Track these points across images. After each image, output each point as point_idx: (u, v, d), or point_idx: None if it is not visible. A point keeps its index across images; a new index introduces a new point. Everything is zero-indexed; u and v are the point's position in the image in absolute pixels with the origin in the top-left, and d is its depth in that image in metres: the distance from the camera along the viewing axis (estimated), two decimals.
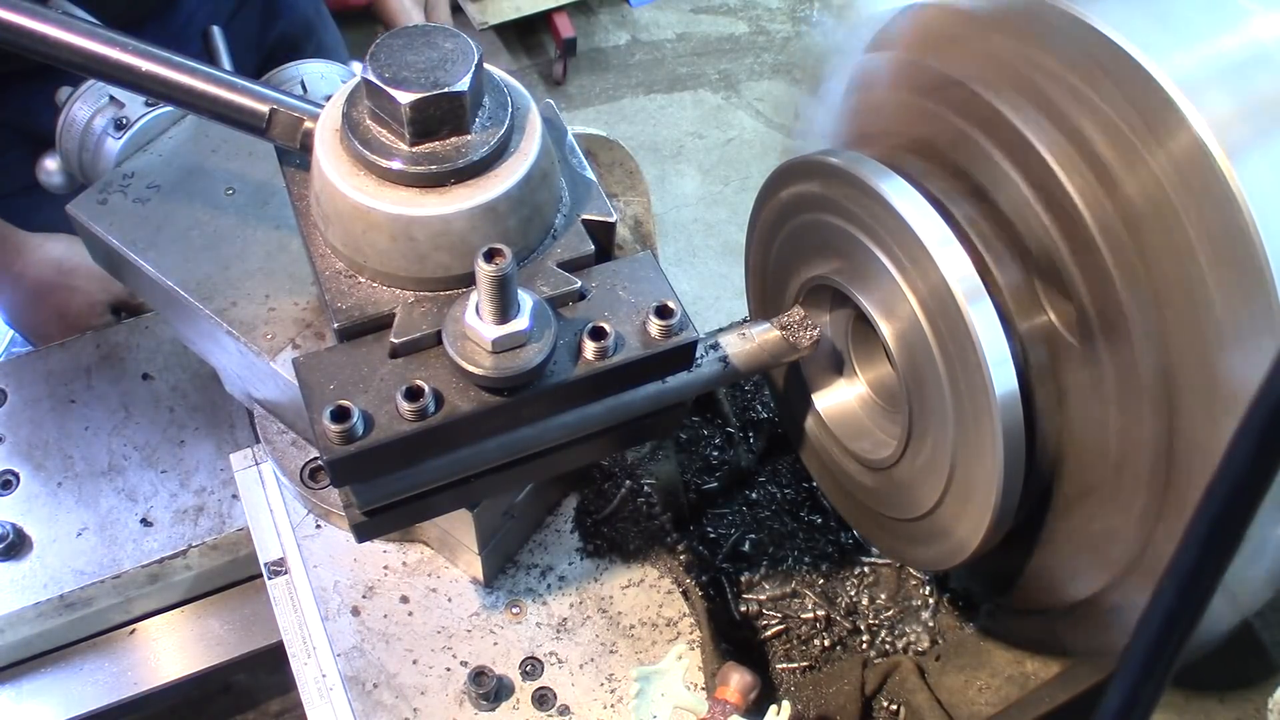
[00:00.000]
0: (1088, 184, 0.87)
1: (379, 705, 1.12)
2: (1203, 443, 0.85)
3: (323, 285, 0.92)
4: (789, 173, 1.13)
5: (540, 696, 1.13)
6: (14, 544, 1.31)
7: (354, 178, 0.88)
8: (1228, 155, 0.79)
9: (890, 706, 1.23)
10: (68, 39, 0.92)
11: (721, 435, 1.46)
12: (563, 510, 1.26)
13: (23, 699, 1.36)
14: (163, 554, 1.33)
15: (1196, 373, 0.84)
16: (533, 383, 0.86)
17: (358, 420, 0.83)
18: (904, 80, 1.07)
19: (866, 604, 1.32)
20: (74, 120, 1.23)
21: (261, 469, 1.28)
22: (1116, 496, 0.94)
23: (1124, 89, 0.84)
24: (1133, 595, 0.97)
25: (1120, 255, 0.86)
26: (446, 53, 0.87)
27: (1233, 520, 0.47)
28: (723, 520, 1.39)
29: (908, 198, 0.97)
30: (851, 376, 1.21)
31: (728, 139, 4.29)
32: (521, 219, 0.91)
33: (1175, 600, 0.50)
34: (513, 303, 0.82)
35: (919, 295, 0.98)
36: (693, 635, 1.17)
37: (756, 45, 4.65)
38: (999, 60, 0.95)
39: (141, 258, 1.11)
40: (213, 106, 0.95)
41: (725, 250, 3.86)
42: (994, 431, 0.93)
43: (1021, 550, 1.07)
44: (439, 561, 1.21)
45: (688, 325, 0.91)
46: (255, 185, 1.16)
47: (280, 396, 1.13)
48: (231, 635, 1.41)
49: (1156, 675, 0.53)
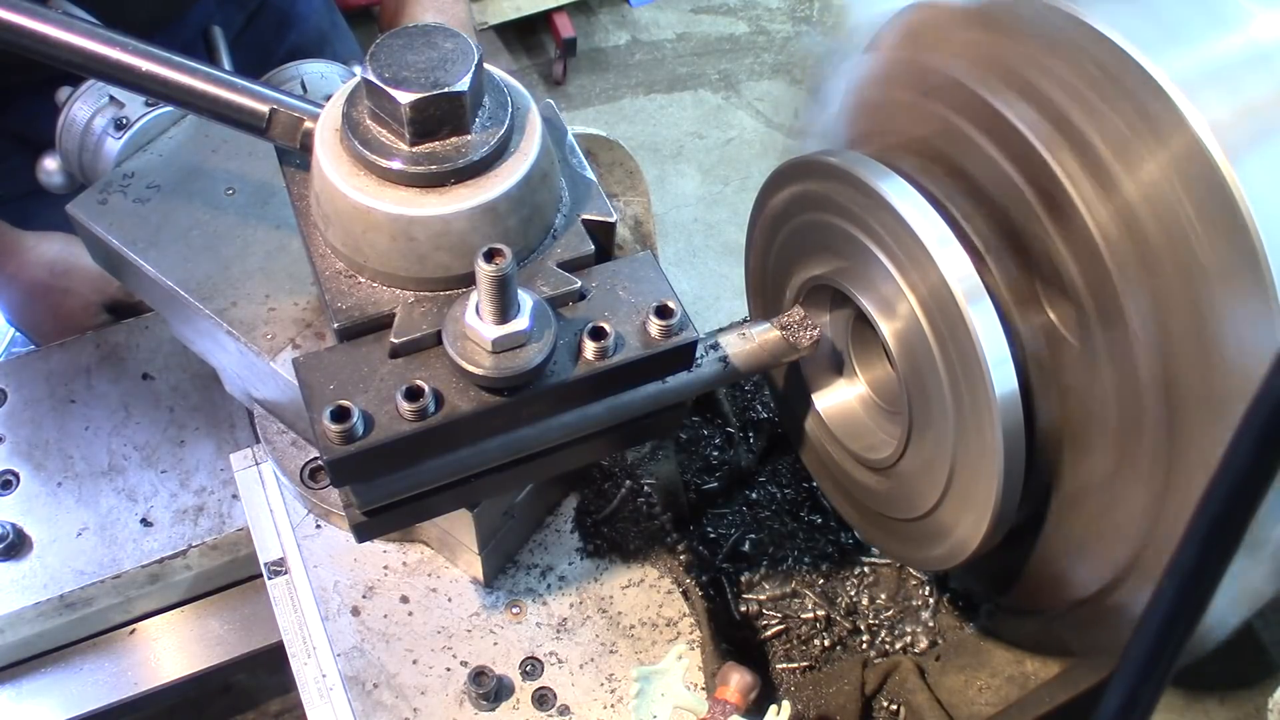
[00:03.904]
0: (1087, 184, 0.87)
1: (379, 705, 1.12)
2: (1203, 442, 0.85)
3: (323, 285, 0.92)
4: (789, 173, 1.13)
5: (540, 696, 1.13)
6: (14, 544, 1.31)
7: (354, 178, 0.88)
8: (1227, 155, 0.79)
9: (890, 706, 1.23)
10: (68, 39, 0.92)
11: (721, 435, 1.46)
12: (563, 510, 1.26)
13: (23, 699, 1.36)
14: (163, 554, 1.33)
15: (1196, 372, 0.84)
16: (533, 383, 0.86)
17: (358, 420, 0.83)
18: (903, 80, 1.07)
19: (866, 604, 1.32)
20: (74, 120, 1.22)
21: (261, 469, 1.28)
22: (1117, 495, 0.94)
23: (1123, 89, 0.84)
24: (1133, 595, 0.97)
25: (1120, 255, 0.86)
26: (446, 53, 0.87)
27: (1233, 520, 0.47)
28: (723, 520, 1.39)
29: (907, 197, 0.97)
30: (851, 376, 1.21)
31: (728, 139, 4.29)
32: (521, 219, 0.91)
33: (1175, 600, 0.50)
34: (513, 303, 0.82)
35: (919, 295, 0.98)
36: (693, 635, 1.17)
37: (756, 45, 4.65)
38: (998, 60, 0.95)
39: (142, 258, 1.11)
40: (213, 106, 0.95)
41: (725, 250, 3.86)
42: (994, 431, 0.93)
43: (1021, 550, 1.07)
44: (439, 561, 1.21)
45: (688, 325, 0.91)
46: (255, 185, 1.16)
47: (280, 396, 1.13)
48: (231, 635, 1.41)
49: (1156, 675, 0.53)
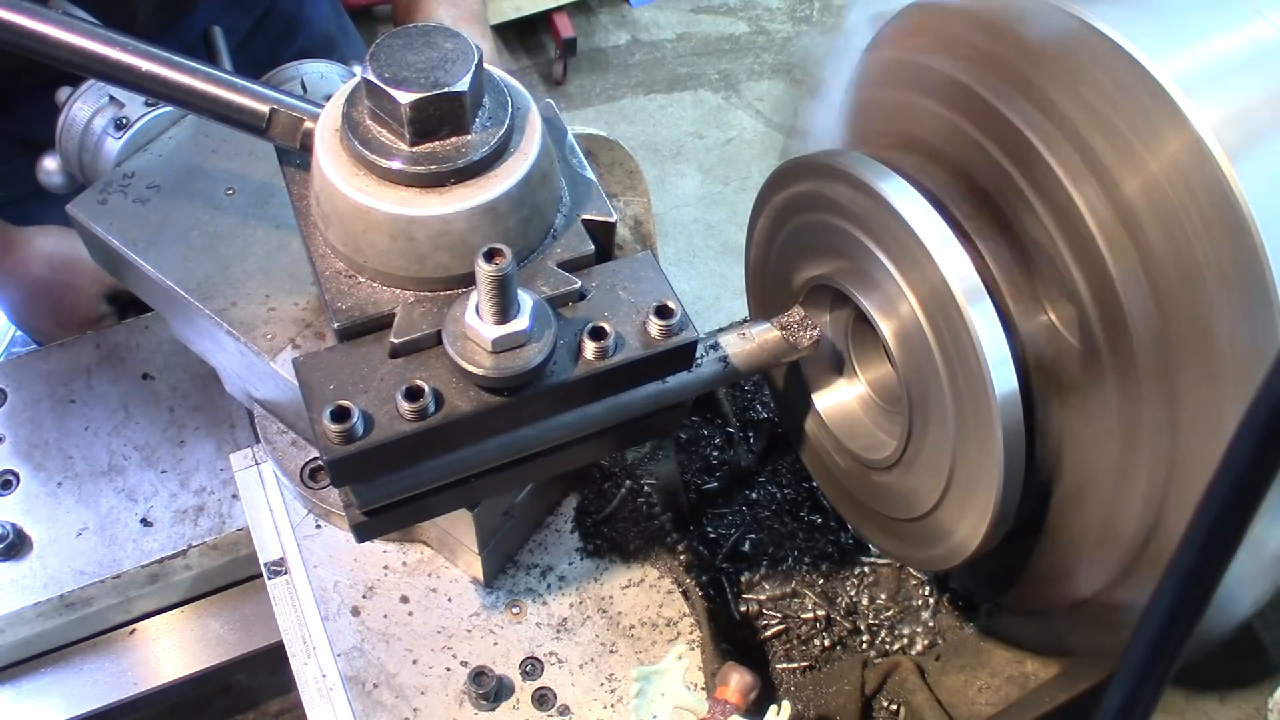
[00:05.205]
0: (1088, 184, 0.87)
1: (379, 705, 1.12)
2: (1203, 442, 0.85)
3: (323, 285, 0.92)
4: (789, 173, 1.13)
5: (540, 696, 1.13)
6: (14, 544, 1.31)
7: (354, 178, 0.88)
8: (1227, 155, 0.79)
9: (890, 706, 1.23)
10: (68, 39, 0.92)
11: (721, 435, 1.46)
12: (563, 510, 1.26)
13: (23, 699, 1.36)
14: (163, 554, 1.33)
15: (1197, 371, 0.84)
16: (533, 383, 0.86)
17: (358, 420, 0.83)
18: (904, 80, 1.07)
19: (866, 604, 1.32)
20: (74, 120, 1.22)
21: (261, 469, 1.28)
22: (1117, 496, 0.94)
23: (1124, 89, 0.84)
24: (1133, 595, 0.97)
25: (1120, 255, 0.86)
26: (446, 52, 0.87)
27: (1233, 520, 0.47)
28: (723, 520, 1.39)
29: (908, 197, 0.97)
30: (851, 376, 1.21)
31: (728, 139, 4.29)
32: (521, 219, 0.91)
33: (1175, 600, 0.50)
34: (513, 303, 0.82)
35: (919, 295, 0.98)
36: (693, 635, 1.17)
37: (756, 45, 4.65)
38: (999, 60, 0.95)
39: (142, 258, 1.11)
40: (213, 107, 0.95)
41: (725, 250, 3.86)
42: (994, 431, 0.93)
43: (1021, 550, 1.07)
44: (439, 561, 1.21)
45: (688, 325, 0.91)
46: (255, 185, 1.16)
47: (280, 396, 1.13)
48: (231, 635, 1.41)
49: (1156, 675, 0.53)
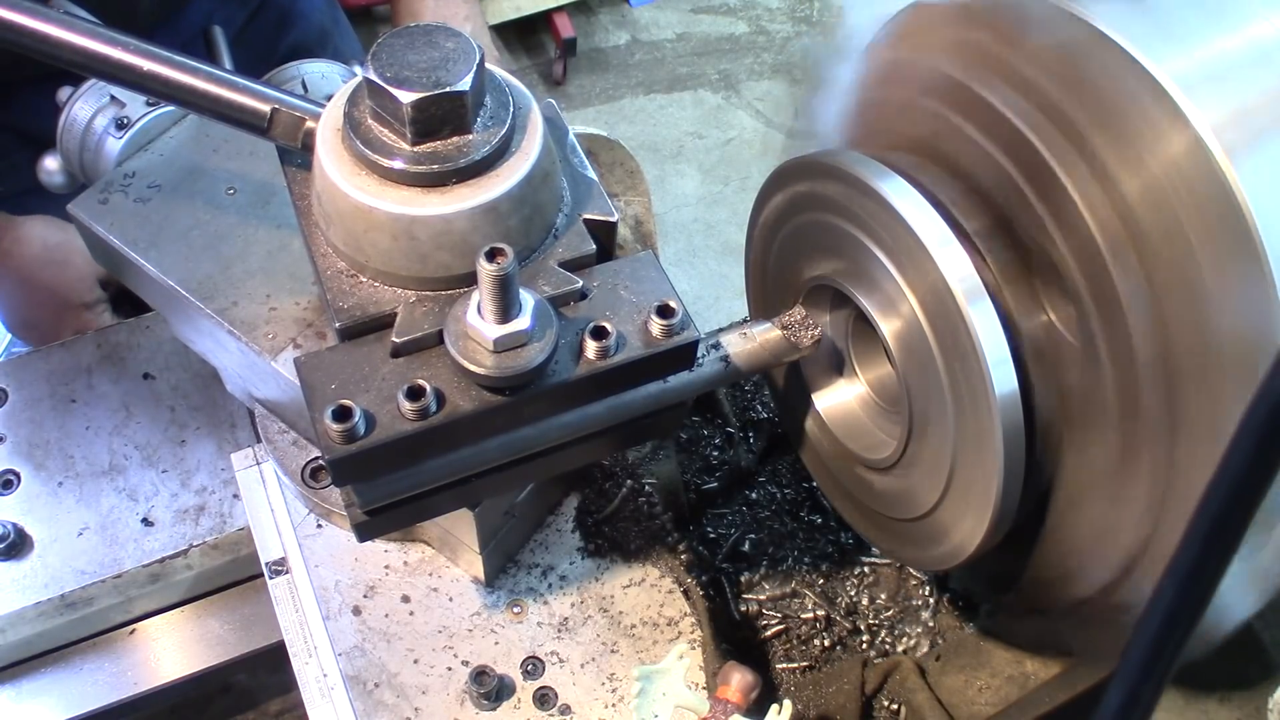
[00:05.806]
0: (1087, 184, 0.88)
1: (380, 705, 1.12)
2: (1203, 442, 0.85)
3: (324, 285, 0.93)
4: (789, 173, 1.13)
5: (541, 696, 1.13)
6: (15, 544, 1.31)
7: (355, 177, 0.88)
8: (1227, 155, 0.79)
9: (890, 706, 1.23)
10: (69, 38, 0.92)
11: (721, 435, 1.46)
12: (564, 510, 1.26)
13: (23, 699, 1.36)
14: (163, 554, 1.33)
15: (1197, 371, 0.84)
16: (534, 382, 0.86)
17: (359, 420, 0.83)
18: (903, 80, 1.07)
19: (866, 604, 1.32)
20: (75, 120, 1.22)
21: (262, 468, 1.28)
22: (1117, 495, 0.94)
23: (1124, 89, 0.84)
24: (1133, 594, 0.97)
25: (1120, 255, 0.86)
26: (448, 52, 0.87)
27: (1233, 520, 0.47)
28: (723, 520, 1.39)
29: (907, 197, 0.97)
30: (851, 376, 1.21)
31: (728, 139, 4.29)
32: (523, 218, 0.91)
33: (1175, 600, 0.50)
34: (514, 302, 0.83)
35: (919, 295, 0.98)
36: (694, 635, 1.17)
37: (756, 45, 4.65)
38: (998, 59, 0.95)
39: (142, 257, 1.11)
40: (214, 106, 0.95)
41: (725, 250, 3.86)
42: (994, 431, 0.93)
43: (1021, 550, 1.08)
44: (440, 561, 1.21)
45: (689, 325, 0.91)
46: (256, 185, 1.16)
47: (281, 396, 1.13)
48: (232, 635, 1.41)
49: (1156, 675, 0.53)
